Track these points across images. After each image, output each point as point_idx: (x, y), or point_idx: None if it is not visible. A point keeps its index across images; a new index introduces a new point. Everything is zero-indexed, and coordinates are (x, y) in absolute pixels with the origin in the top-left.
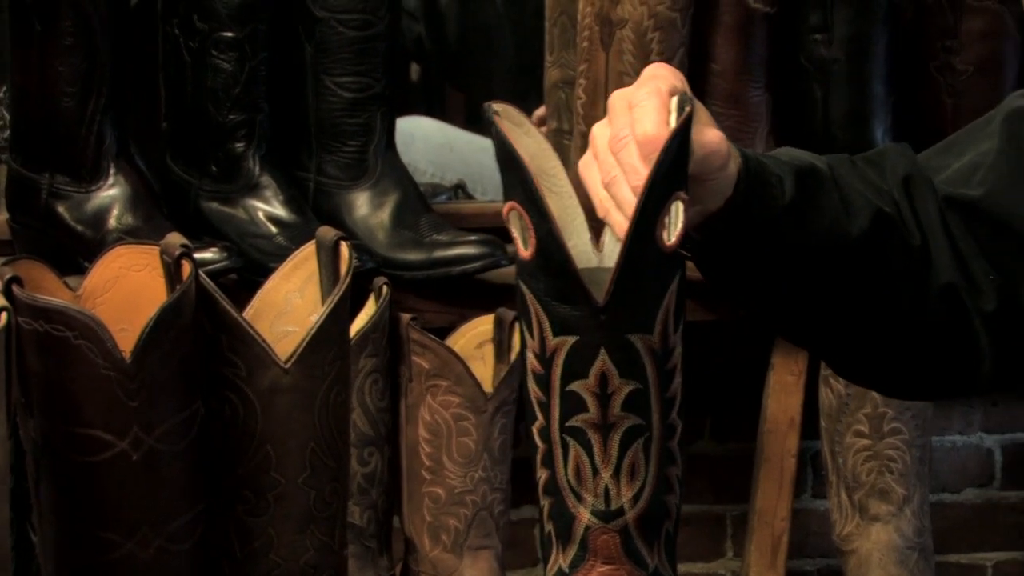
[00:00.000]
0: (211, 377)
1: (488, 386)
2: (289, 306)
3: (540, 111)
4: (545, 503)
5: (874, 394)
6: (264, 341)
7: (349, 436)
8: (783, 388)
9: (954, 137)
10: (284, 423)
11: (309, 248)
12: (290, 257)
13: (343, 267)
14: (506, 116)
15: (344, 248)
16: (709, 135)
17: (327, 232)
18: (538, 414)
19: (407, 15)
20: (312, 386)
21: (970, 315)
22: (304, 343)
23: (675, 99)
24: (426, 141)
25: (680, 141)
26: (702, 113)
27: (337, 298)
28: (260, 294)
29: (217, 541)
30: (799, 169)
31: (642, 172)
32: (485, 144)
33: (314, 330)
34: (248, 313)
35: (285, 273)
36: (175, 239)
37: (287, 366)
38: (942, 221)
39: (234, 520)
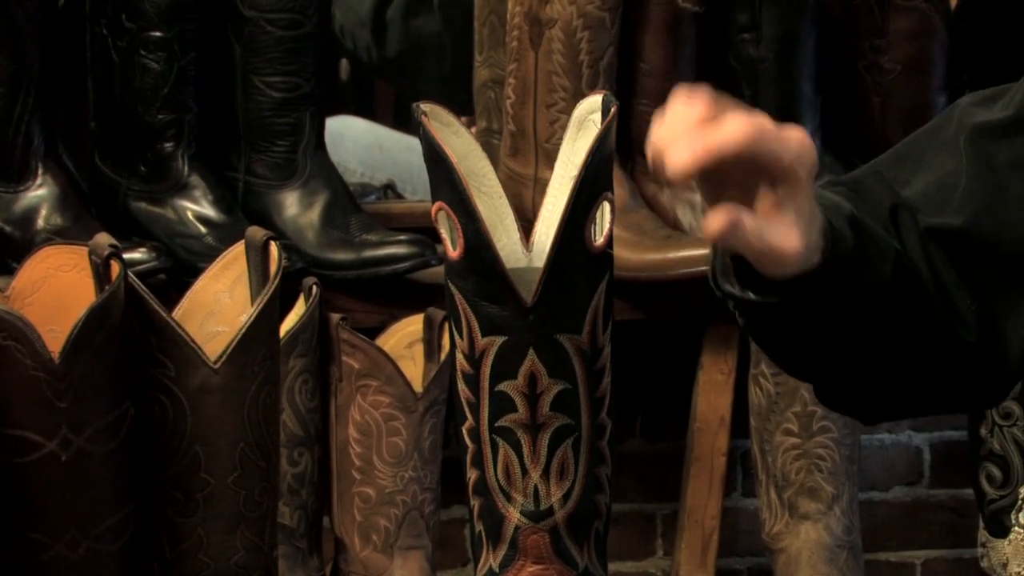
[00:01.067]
0: (141, 378)
1: (418, 386)
2: (219, 306)
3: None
4: (475, 503)
5: (804, 392)
6: (193, 341)
7: (279, 436)
8: (713, 387)
9: (907, 147)
10: (214, 423)
11: (238, 248)
12: (219, 257)
13: (272, 267)
14: (434, 116)
15: (273, 248)
16: (788, 240)
17: (256, 232)
18: (467, 414)
19: (360, 24)
20: (242, 386)
21: (953, 347)
22: (233, 343)
23: (600, 98)
24: (356, 141)
25: (606, 143)
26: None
27: (266, 298)
28: (189, 294)
29: (147, 542)
30: (849, 219)
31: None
32: (415, 144)
33: (243, 330)
34: (177, 313)
35: (214, 273)
36: (104, 239)
37: (216, 366)
38: (924, 254)
39: (164, 520)
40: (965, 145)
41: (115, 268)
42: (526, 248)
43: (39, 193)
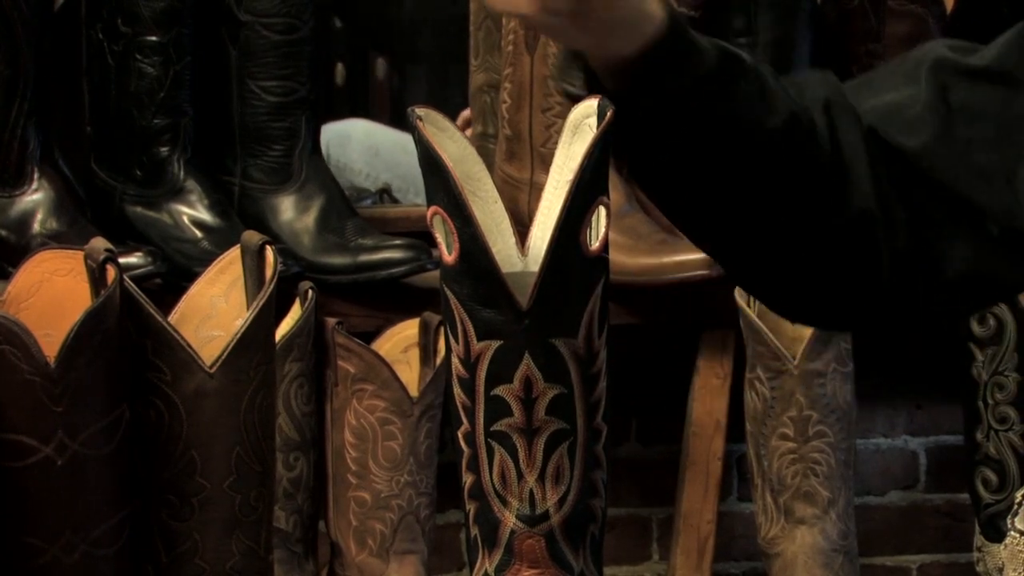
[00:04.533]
0: (136, 382)
1: (414, 390)
2: (214, 310)
3: (465, 113)
4: (471, 507)
5: (799, 397)
6: (189, 346)
7: (275, 441)
8: (708, 391)
9: (871, 75)
10: (209, 428)
11: (234, 252)
12: (215, 262)
13: (268, 271)
14: (430, 120)
15: (269, 252)
16: None
17: (252, 236)
18: (463, 418)
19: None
20: (237, 390)
21: (879, 247)
22: (229, 347)
23: (595, 103)
24: (360, 142)
25: (602, 147)
26: None
27: (262, 302)
28: (185, 299)
29: (143, 546)
30: (725, 51)
31: None
32: (412, 147)
33: (239, 334)
34: (173, 318)
35: (210, 278)
36: (99, 244)
37: (212, 371)
38: (866, 150)
39: (160, 525)
40: (927, 74)
41: (111, 273)
42: (521, 252)
43: (35, 197)
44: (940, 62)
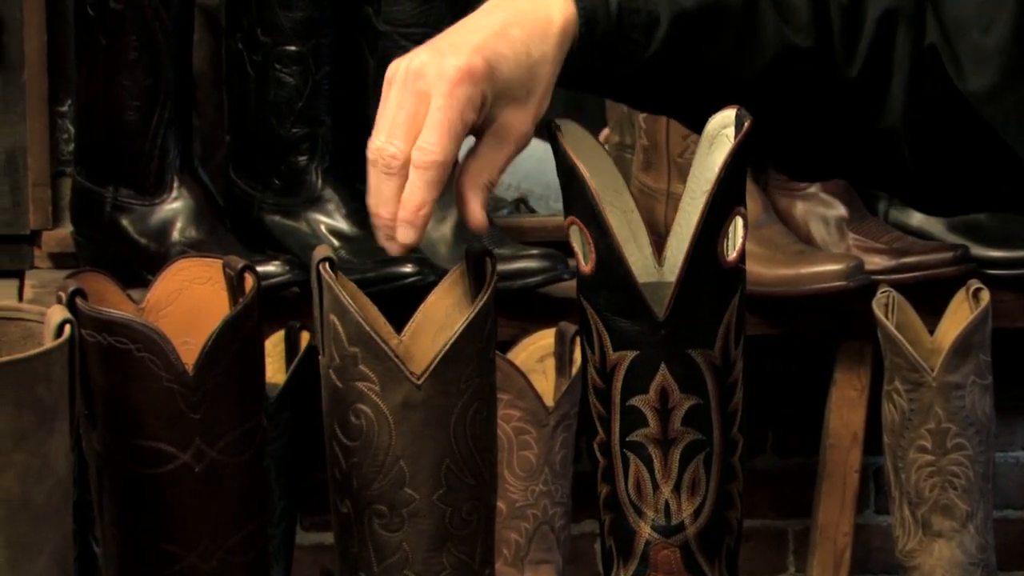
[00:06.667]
0: (347, 390)
1: (549, 400)
2: (449, 320)
3: (606, 132)
4: (606, 518)
5: (938, 410)
6: (396, 356)
7: (495, 455)
8: (846, 403)
9: None
10: (418, 439)
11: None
12: (450, 272)
13: (487, 283)
14: (568, 131)
15: (488, 264)
16: (517, 120)
17: (474, 247)
18: (599, 428)
19: None
20: (446, 403)
21: (904, 159)
22: (437, 359)
23: (733, 112)
24: None
25: (739, 157)
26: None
27: (473, 315)
28: (422, 308)
29: (357, 554)
30: (684, 13)
31: (424, 198)
32: (550, 156)
33: (447, 347)
34: (410, 328)
35: (445, 288)
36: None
37: (420, 382)
38: (911, 69)
39: (371, 534)
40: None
41: (249, 281)
42: (658, 262)
43: (174, 206)
44: None
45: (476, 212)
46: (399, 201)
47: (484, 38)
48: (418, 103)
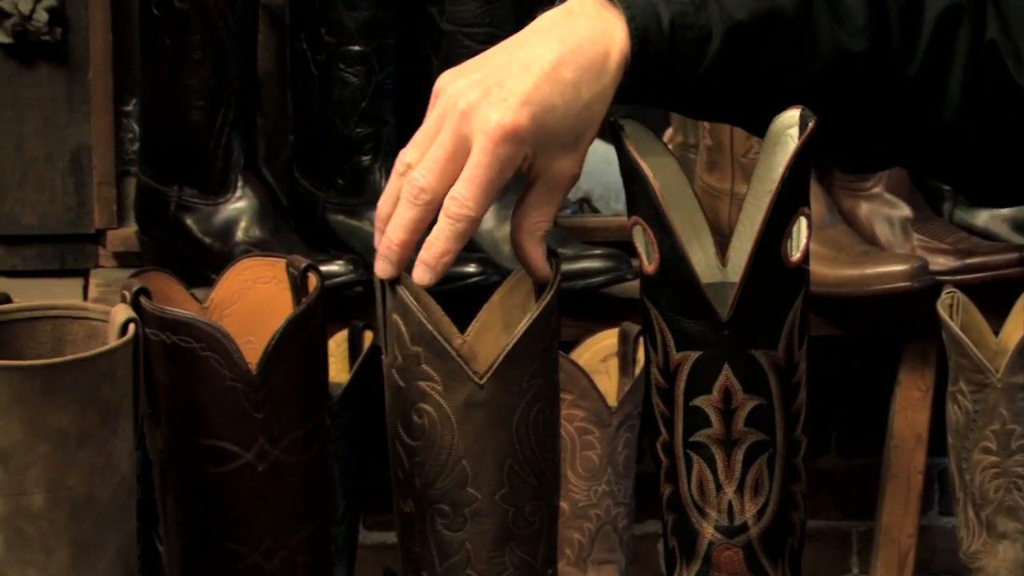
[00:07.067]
0: (410, 389)
1: (612, 400)
2: (513, 320)
3: (668, 133)
4: (669, 518)
5: (1003, 411)
6: (459, 355)
7: (557, 455)
8: (910, 404)
9: None
10: (480, 439)
11: None
12: (514, 272)
13: (550, 282)
14: (631, 131)
15: (552, 263)
16: (565, 167)
17: None
18: (662, 429)
19: None
20: (509, 403)
21: (958, 152)
22: (499, 359)
23: (798, 112)
24: None
25: (803, 157)
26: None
27: (536, 314)
28: (486, 308)
29: (419, 553)
30: (737, 25)
31: (449, 248)
32: (613, 156)
33: (510, 346)
34: (474, 327)
35: (509, 287)
36: (299, 261)
37: (482, 381)
38: (967, 67)
39: (434, 533)
40: None
41: (312, 280)
42: (721, 263)
43: (238, 205)
44: None
45: (539, 264)
46: (414, 231)
47: (534, 84)
48: (457, 145)
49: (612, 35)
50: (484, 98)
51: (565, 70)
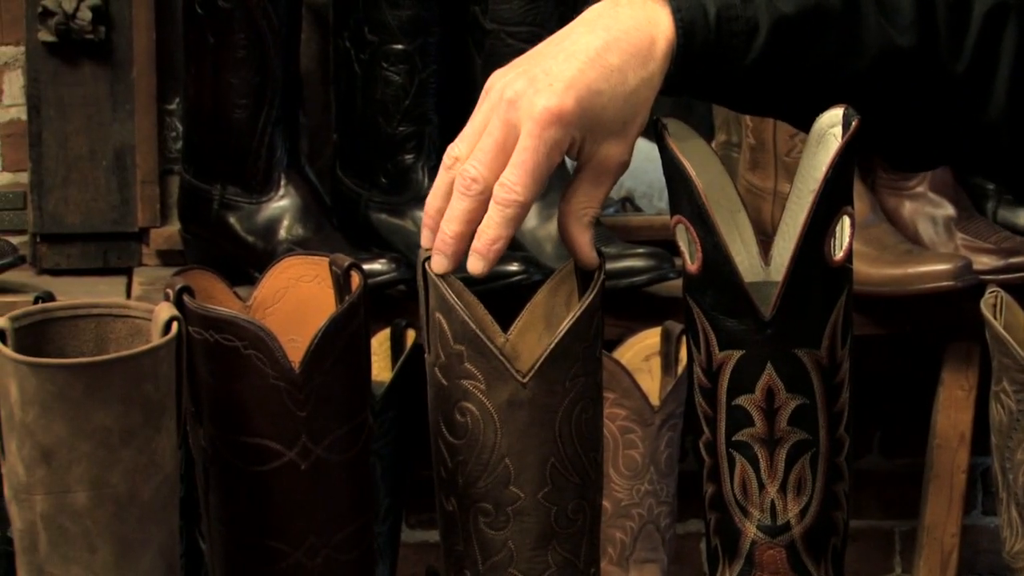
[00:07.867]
0: (453, 388)
1: (655, 399)
2: (556, 319)
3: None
4: (711, 517)
5: None
6: (502, 355)
7: (600, 454)
8: (953, 403)
9: None
10: (523, 438)
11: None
12: (557, 270)
13: (593, 281)
14: (675, 130)
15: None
16: (614, 152)
17: None
18: (704, 428)
19: None
20: (551, 401)
21: (1004, 149)
22: (542, 358)
23: (841, 111)
24: None
25: (846, 156)
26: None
27: (579, 313)
28: (529, 306)
29: (462, 552)
30: (784, 19)
31: (501, 234)
32: (656, 155)
33: (553, 345)
34: (517, 326)
35: (552, 286)
36: (341, 260)
37: (525, 380)
38: (1015, 62)
39: (477, 532)
40: None
41: (355, 279)
42: (764, 262)
43: (281, 204)
44: None
45: (585, 251)
46: (468, 222)
47: (580, 69)
48: (506, 133)
49: (658, 23)
50: (530, 85)
51: (610, 55)
